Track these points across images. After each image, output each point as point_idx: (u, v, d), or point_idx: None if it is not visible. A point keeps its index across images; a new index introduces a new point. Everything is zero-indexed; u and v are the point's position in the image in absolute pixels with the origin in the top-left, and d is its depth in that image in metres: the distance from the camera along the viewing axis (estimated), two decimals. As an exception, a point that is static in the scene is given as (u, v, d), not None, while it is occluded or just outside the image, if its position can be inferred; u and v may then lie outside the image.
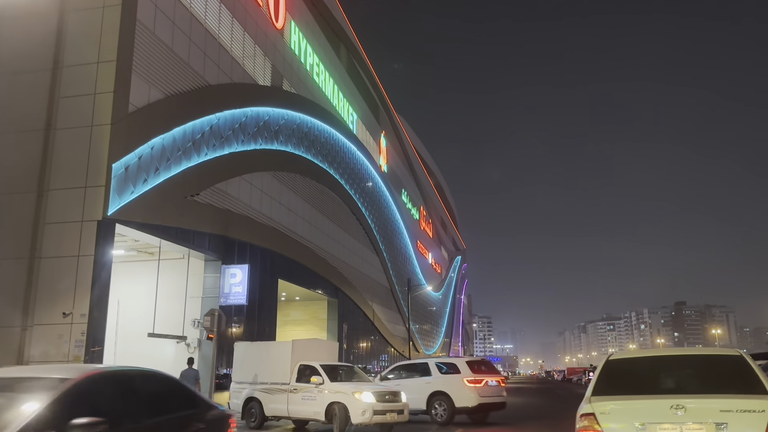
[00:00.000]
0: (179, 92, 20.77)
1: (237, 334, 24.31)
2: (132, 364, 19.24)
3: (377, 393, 13.74)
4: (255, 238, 26.10)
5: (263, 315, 27.04)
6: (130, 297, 23.48)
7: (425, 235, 73.39)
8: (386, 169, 52.45)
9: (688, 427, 4.98)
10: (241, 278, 22.52)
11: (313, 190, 34.02)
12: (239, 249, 24.59)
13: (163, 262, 22.91)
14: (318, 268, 34.36)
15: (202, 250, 22.34)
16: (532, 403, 29.12)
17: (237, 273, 22.64)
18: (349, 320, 40.17)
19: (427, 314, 74.12)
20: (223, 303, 22.52)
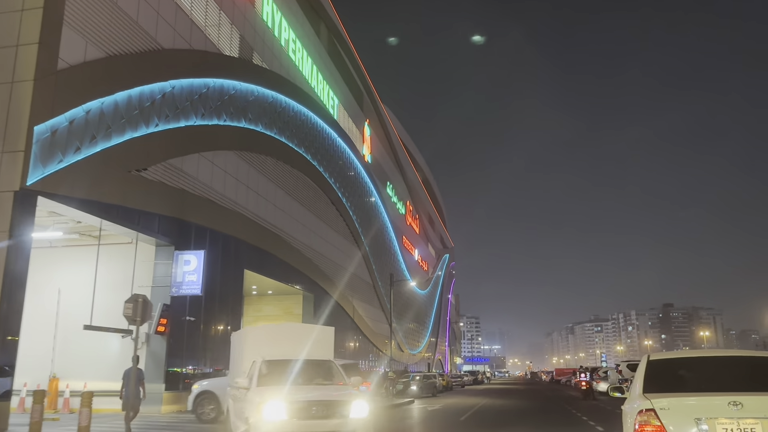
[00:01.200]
0: (125, 53, 18.29)
1: (193, 328, 21.87)
2: (71, 358, 16.58)
3: (297, 404, 9.36)
4: (217, 224, 23.66)
5: (226, 308, 24.60)
6: (72, 285, 21.02)
7: (411, 231, 71.12)
8: (370, 160, 50.11)
9: (745, 422, 5.28)
10: (196, 266, 20.10)
11: (287, 175, 31.61)
12: (197, 234, 22.14)
13: (108, 246, 20.43)
14: (292, 260, 31.96)
15: (152, 233, 19.88)
16: (513, 408, 26.82)
17: (191, 260, 20.22)
18: (327, 316, 37.74)
19: (412, 313, 71.85)
20: (176, 293, 20.10)
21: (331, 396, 9.93)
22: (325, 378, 11.08)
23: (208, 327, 23.09)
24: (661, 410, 5.44)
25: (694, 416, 5.37)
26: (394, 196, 60.58)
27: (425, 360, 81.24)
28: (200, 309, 22.29)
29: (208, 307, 22.84)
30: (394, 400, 29.73)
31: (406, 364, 63.60)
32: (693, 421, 5.37)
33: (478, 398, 35.69)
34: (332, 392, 10.22)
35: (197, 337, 22.19)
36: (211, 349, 23.12)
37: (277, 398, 9.44)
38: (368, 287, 48.94)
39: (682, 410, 5.46)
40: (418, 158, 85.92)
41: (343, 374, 11.30)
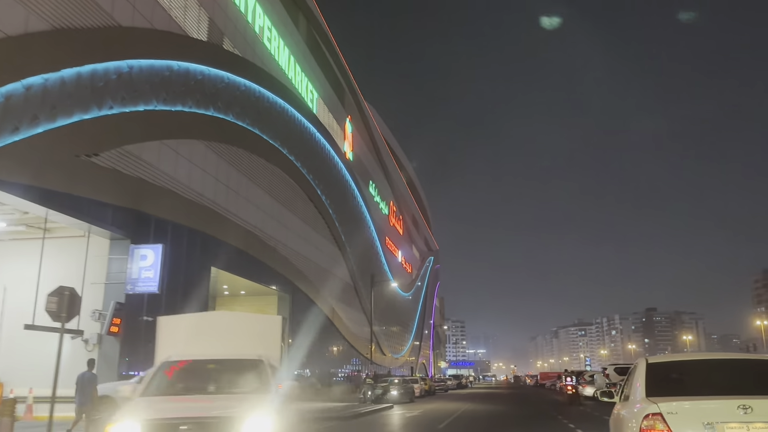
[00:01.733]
0: (74, 27, 16.72)
1: (152, 329, 20.22)
2: (16, 361, 14.75)
3: (157, 425, 7.02)
4: (181, 217, 22.09)
5: (191, 308, 22.97)
6: (19, 282, 19.31)
7: (395, 232, 69.75)
8: (351, 157, 48.68)
9: (755, 426, 5.14)
10: (153, 261, 18.53)
11: (262, 170, 30.09)
12: (157, 228, 20.55)
13: (58, 240, 18.84)
14: (266, 259, 30.42)
15: (104, 225, 18.29)
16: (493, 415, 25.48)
17: (148, 255, 18.65)
18: (304, 318, 36.23)
19: (395, 316, 70.43)
20: (131, 291, 18.51)
21: (213, 412, 7.29)
22: (246, 384, 8.59)
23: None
24: (668, 414, 5.27)
25: (704, 420, 5.22)
26: (377, 196, 59.19)
27: (409, 364, 79.84)
28: (160, 308, 20.66)
29: (169, 306, 21.21)
30: (372, 406, 28.26)
31: (389, 369, 62.16)
32: (702, 425, 5.22)
33: (460, 403, 34.32)
34: (224, 406, 7.55)
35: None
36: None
37: (131, 417, 7.18)
38: (349, 289, 47.45)
39: (690, 414, 5.30)
40: (402, 158, 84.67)
41: (272, 378, 8.64)
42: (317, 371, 40.11)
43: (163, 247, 18.62)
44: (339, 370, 46.09)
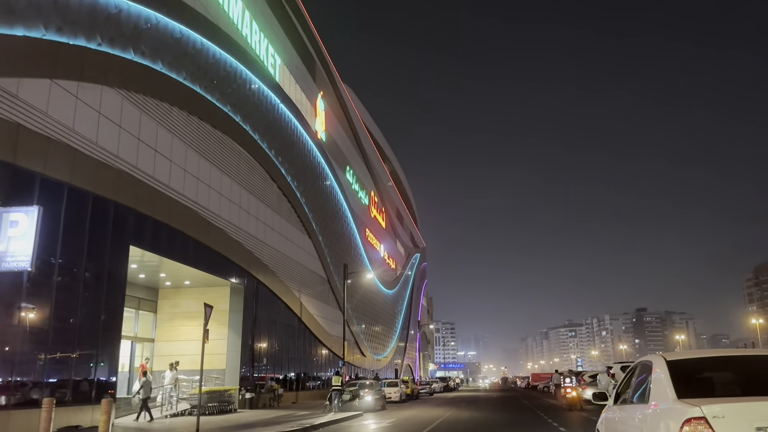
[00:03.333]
0: None
1: (31, 323, 15.60)
2: None
3: None
4: (83, 179, 17.47)
5: (97, 296, 18.36)
6: None
7: (377, 225, 65.25)
8: (324, 138, 44.14)
9: None
10: (26, 229, 13.87)
11: (206, 136, 25.55)
12: (44, 188, 15.92)
13: None
14: (213, 242, 25.84)
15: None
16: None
17: (20, 220, 13.97)
18: (263, 314, 31.64)
19: (377, 314, 65.89)
20: (2, 270, 13.84)
21: None
22: None
23: (63, 322, 16.84)
24: (714, 419, 4.63)
25: (756, 425, 4.61)
26: (354, 184, 54.64)
27: (394, 366, 75.28)
28: (50, 294, 16.05)
29: (63, 293, 16.62)
30: (334, 415, 23.75)
31: (373, 371, 57.62)
32: (754, 430, 4.61)
33: (443, 409, 29.88)
34: None
35: (43, 336, 15.92)
36: (68, 352, 16.87)
37: None
38: (321, 282, 42.87)
39: (740, 418, 4.67)
40: (386, 149, 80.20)
41: None
42: (287, 375, 35.51)
43: (40, 211, 13.96)
44: (316, 373, 41.45)
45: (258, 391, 30.10)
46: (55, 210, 16.12)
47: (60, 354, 16.54)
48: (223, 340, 28.50)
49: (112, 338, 19.10)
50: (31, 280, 15.36)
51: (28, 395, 15.27)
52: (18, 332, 15.12)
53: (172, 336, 28.78)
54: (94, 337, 17.99)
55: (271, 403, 30.77)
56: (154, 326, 28.96)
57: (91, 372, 17.90)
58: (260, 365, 31.36)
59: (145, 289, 27.94)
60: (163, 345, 28.67)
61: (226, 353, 28.44)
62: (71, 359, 16.87)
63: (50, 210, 15.33)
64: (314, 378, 41.16)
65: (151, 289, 28.66)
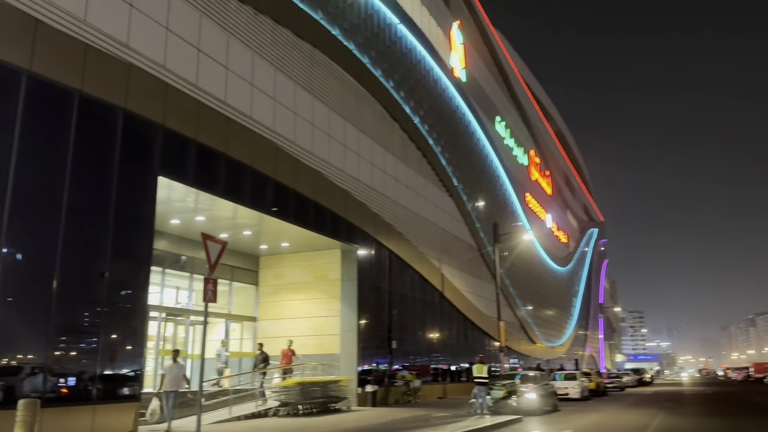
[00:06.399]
0: None
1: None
2: None
3: None
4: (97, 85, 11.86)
5: (100, 242, 12.66)
6: None
7: (539, 189, 55.66)
8: (464, 78, 36.27)
9: None
10: None
11: (303, 60, 19.39)
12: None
13: None
14: (304, 187, 19.61)
15: None
16: None
17: None
18: (389, 285, 24.92)
19: (548, 295, 56.41)
20: None
21: None
22: None
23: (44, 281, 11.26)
24: None
25: None
26: (507, 137, 45.89)
27: (572, 356, 64.96)
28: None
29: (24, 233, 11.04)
30: (479, 421, 16.11)
31: (540, 361, 48.63)
32: None
33: (644, 412, 20.84)
34: None
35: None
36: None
37: None
38: (469, 251, 35.17)
39: None
40: (548, 107, 69.60)
41: None
42: (428, 363, 28.55)
43: None
44: (467, 362, 33.90)
45: (386, 384, 23.45)
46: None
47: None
48: (335, 317, 22.27)
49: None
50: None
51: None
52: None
53: (275, 313, 23.19)
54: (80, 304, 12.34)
55: (404, 399, 23.94)
56: (256, 302, 23.58)
57: (96, 361, 12.28)
58: (386, 350, 24.61)
59: (239, 255, 22.60)
60: (266, 324, 23.20)
61: (340, 333, 22.14)
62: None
63: None
64: (466, 368, 33.60)
65: (249, 256, 23.29)
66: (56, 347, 11.46)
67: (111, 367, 12.47)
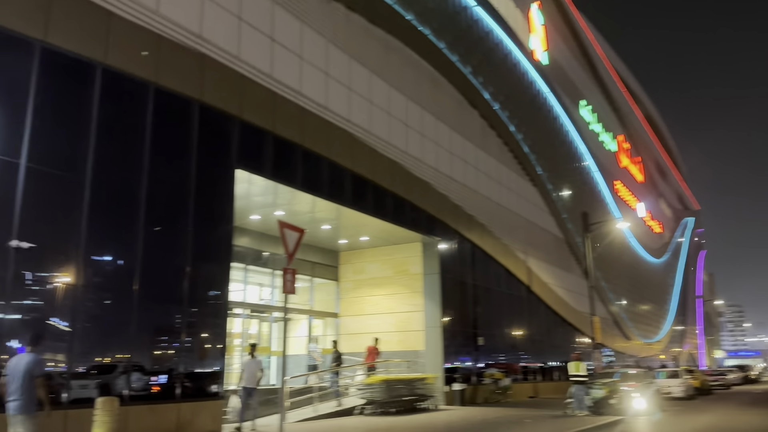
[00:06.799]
0: None
1: (38, 268, 10.12)
2: None
3: None
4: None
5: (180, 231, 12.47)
6: None
7: (628, 177, 52.55)
8: (545, 60, 34.54)
9: None
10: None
11: (374, 43, 18.81)
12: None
13: None
14: (382, 179, 18.99)
15: None
16: None
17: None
18: (473, 279, 23.90)
19: (642, 289, 53.25)
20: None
21: None
22: None
23: (88, 269, 11.15)
24: None
25: None
26: (594, 123, 43.48)
27: (668, 353, 61.10)
28: (77, 223, 10.46)
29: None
30: (580, 423, 14.86)
31: (636, 358, 45.92)
32: None
33: (763, 413, 18.71)
34: None
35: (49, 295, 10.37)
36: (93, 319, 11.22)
37: None
38: (556, 243, 33.48)
39: None
40: (636, 90, 65.76)
41: None
42: (516, 361, 27.31)
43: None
44: (559, 359, 32.23)
45: (474, 382, 22.47)
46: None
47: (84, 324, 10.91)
48: (418, 312, 21.52)
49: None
50: (29, 197, 9.88)
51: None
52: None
53: (357, 309, 22.73)
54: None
55: (494, 398, 22.85)
56: (337, 298, 23.20)
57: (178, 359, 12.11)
58: (471, 347, 23.59)
59: (319, 251, 22.30)
60: (348, 321, 22.79)
61: (424, 329, 21.35)
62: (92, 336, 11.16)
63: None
64: (559, 367, 31.91)
65: (328, 251, 22.95)
66: (139, 345, 11.34)
67: (194, 365, 12.29)
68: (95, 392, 10.11)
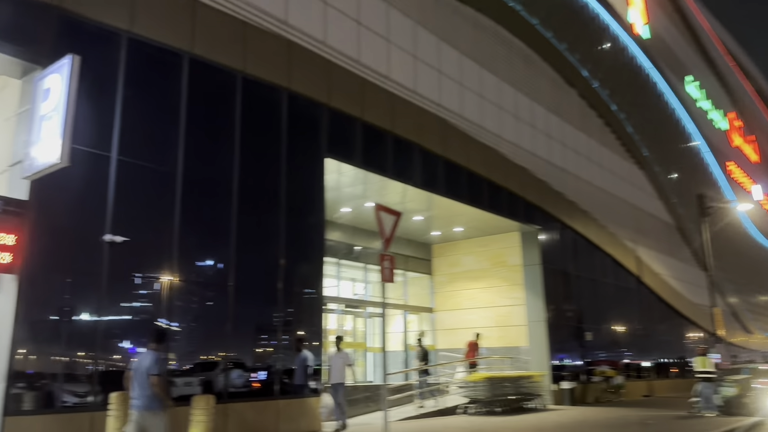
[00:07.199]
0: None
1: (135, 266, 9.93)
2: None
3: None
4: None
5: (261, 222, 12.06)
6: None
7: (742, 157, 48.09)
8: (647, 34, 31.98)
9: None
10: (59, 98, 8.09)
11: (476, 32, 17.88)
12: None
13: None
14: (476, 164, 17.97)
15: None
16: None
17: (52, 86, 8.31)
18: (577, 270, 22.33)
19: (763, 278, 48.64)
20: (30, 173, 8.40)
21: None
22: None
23: (185, 264, 10.85)
24: None
25: None
26: (702, 99, 39.97)
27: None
28: (169, 216, 10.24)
29: (192, 213, 10.65)
30: (713, 424, 13.19)
31: (765, 352, 41.96)
32: None
33: None
34: None
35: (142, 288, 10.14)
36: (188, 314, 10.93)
37: None
38: (666, 230, 30.92)
39: None
40: (746, 64, 60.32)
41: None
42: (628, 359, 25.39)
43: (73, 63, 8.01)
44: (676, 356, 29.77)
45: (583, 380, 20.94)
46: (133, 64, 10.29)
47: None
48: (519, 306, 20.30)
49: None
50: (123, 189, 9.72)
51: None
52: (90, 282, 9.58)
53: (453, 303, 21.81)
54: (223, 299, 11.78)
55: (605, 398, 21.19)
56: (431, 292, 22.38)
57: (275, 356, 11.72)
58: (577, 342, 22.02)
59: (411, 243, 21.57)
60: (443, 316, 21.93)
61: (527, 324, 20.10)
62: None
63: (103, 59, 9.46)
64: (675, 363, 29.46)
65: (421, 244, 22.17)
66: (236, 342, 11.02)
67: (291, 362, 11.87)
68: (198, 389, 9.89)
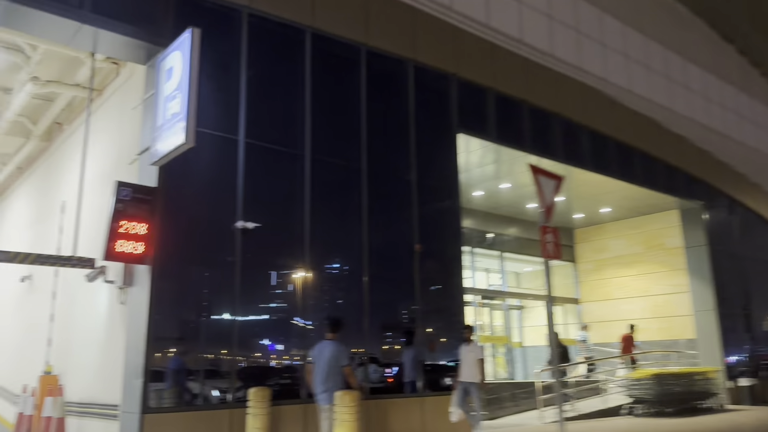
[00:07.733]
0: None
1: (277, 254, 9.28)
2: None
3: None
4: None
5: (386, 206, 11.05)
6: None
7: None
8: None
9: None
10: (180, 77, 7.58)
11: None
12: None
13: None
14: (648, 144, 16.05)
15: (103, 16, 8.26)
16: None
17: (174, 65, 7.82)
18: (749, 251, 19.38)
19: None
20: (157, 158, 7.97)
21: None
22: None
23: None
24: None
25: None
26: None
27: None
28: (299, 201, 9.53)
29: (324, 201, 9.86)
30: None
31: None
32: None
33: None
34: None
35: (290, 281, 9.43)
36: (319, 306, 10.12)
37: None
38: None
39: None
40: None
41: None
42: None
43: (193, 36, 7.42)
44: None
45: (762, 376, 18.08)
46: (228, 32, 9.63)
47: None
48: (682, 294, 17.89)
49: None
50: (255, 171, 9.14)
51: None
52: (233, 273, 9.01)
53: (601, 293, 19.74)
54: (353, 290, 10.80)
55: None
56: (576, 281, 20.43)
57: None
58: (752, 333, 19.03)
59: (552, 229, 19.77)
60: (591, 307, 19.92)
61: (692, 314, 17.64)
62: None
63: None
64: None
65: (562, 229, 20.21)
66: (372, 336, 10.11)
67: (431, 356, 10.84)
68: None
